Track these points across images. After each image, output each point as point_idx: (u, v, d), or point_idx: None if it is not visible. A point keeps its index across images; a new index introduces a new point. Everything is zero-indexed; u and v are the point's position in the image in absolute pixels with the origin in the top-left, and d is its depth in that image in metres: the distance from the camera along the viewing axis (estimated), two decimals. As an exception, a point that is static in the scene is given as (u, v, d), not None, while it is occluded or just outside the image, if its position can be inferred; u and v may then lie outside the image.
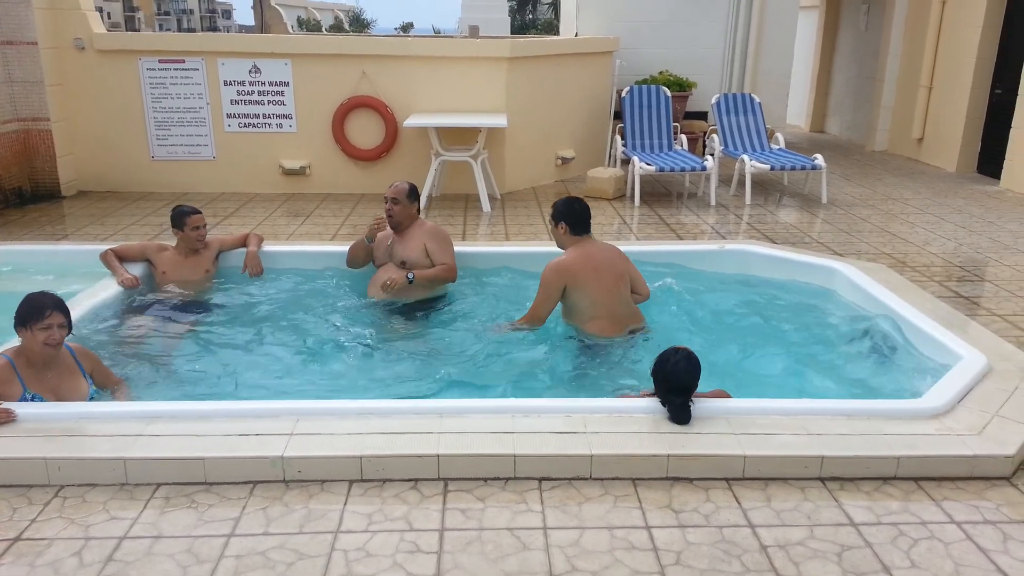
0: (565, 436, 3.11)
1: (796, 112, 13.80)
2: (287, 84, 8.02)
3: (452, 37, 11.89)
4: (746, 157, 7.95)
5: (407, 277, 4.89)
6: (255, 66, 7.98)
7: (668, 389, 3.24)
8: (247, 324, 4.75)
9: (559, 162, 9.00)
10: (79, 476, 2.96)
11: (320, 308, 4.98)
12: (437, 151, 7.66)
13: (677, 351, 3.30)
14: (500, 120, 7.61)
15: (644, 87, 8.92)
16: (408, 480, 2.98)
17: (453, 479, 2.99)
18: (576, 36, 10.45)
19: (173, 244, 5.23)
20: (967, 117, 9.48)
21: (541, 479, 3.00)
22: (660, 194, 8.29)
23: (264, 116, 8.10)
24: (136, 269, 5.10)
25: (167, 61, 7.95)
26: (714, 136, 8.79)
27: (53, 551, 2.59)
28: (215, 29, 69.81)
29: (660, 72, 10.05)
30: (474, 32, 10.74)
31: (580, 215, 4.45)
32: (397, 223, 5.03)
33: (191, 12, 74.51)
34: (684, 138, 8.96)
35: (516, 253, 5.78)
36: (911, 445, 3.08)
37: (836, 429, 3.18)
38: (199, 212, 5.12)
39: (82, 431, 3.14)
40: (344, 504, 2.85)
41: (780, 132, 9.28)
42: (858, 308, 4.88)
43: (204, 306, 4.98)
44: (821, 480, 3.01)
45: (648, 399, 3.35)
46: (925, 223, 7.06)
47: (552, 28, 31.44)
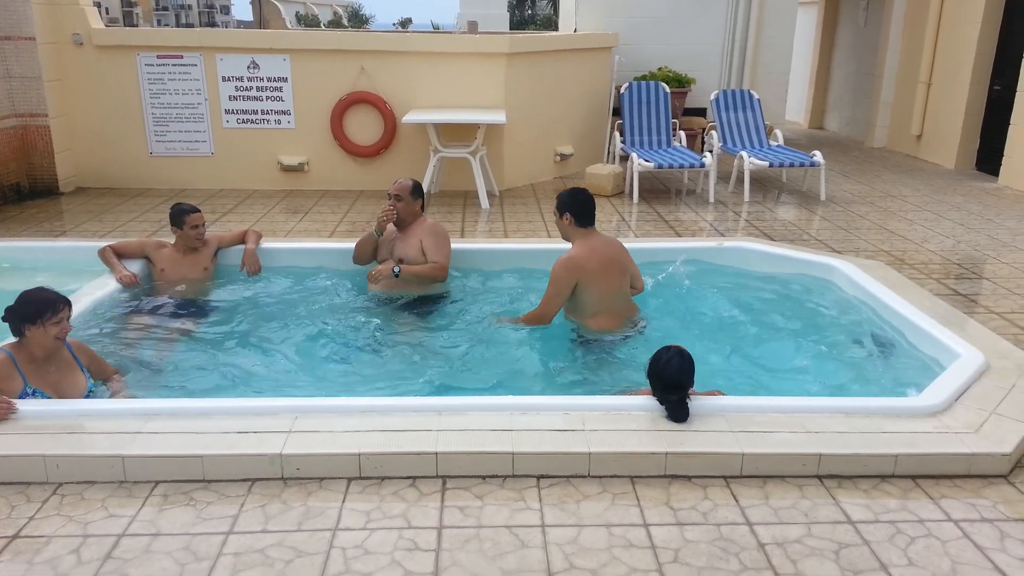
0: (563, 434, 3.12)
1: (795, 108, 13.79)
2: (285, 80, 8.01)
3: (451, 33, 11.85)
4: (745, 154, 7.95)
5: (392, 270, 4.90)
6: (253, 62, 7.97)
7: (663, 387, 3.24)
8: (246, 322, 4.76)
9: (558, 159, 8.99)
10: (78, 473, 2.96)
11: (319, 305, 4.98)
12: (436, 147, 7.65)
13: (669, 349, 3.31)
14: (499, 116, 7.60)
15: (643, 83, 8.92)
16: (406, 478, 2.99)
17: (451, 477, 2.99)
18: (575, 32, 10.43)
19: (172, 241, 5.22)
20: (966, 114, 9.48)
21: (539, 477, 3.00)
22: (659, 191, 8.29)
23: (262, 112, 8.09)
24: (135, 266, 5.10)
25: (165, 57, 7.93)
26: (713, 133, 8.79)
27: (51, 548, 2.59)
28: (213, 25, 69.62)
29: (659, 68, 10.04)
30: (473, 28, 10.69)
31: (585, 206, 4.41)
32: (400, 220, 5.05)
33: (189, 7, 74.31)
34: (683, 135, 8.95)
35: (515, 250, 5.79)
36: (909, 443, 3.08)
37: (834, 427, 3.18)
38: (198, 211, 5.12)
39: (81, 428, 3.14)
40: (342, 502, 2.85)
41: (779, 128, 9.28)
42: (856, 306, 4.88)
43: (202, 304, 4.98)
44: (819, 478, 3.01)
45: (647, 397, 3.36)
46: (923, 220, 7.06)
47: (551, 24, 31.37)
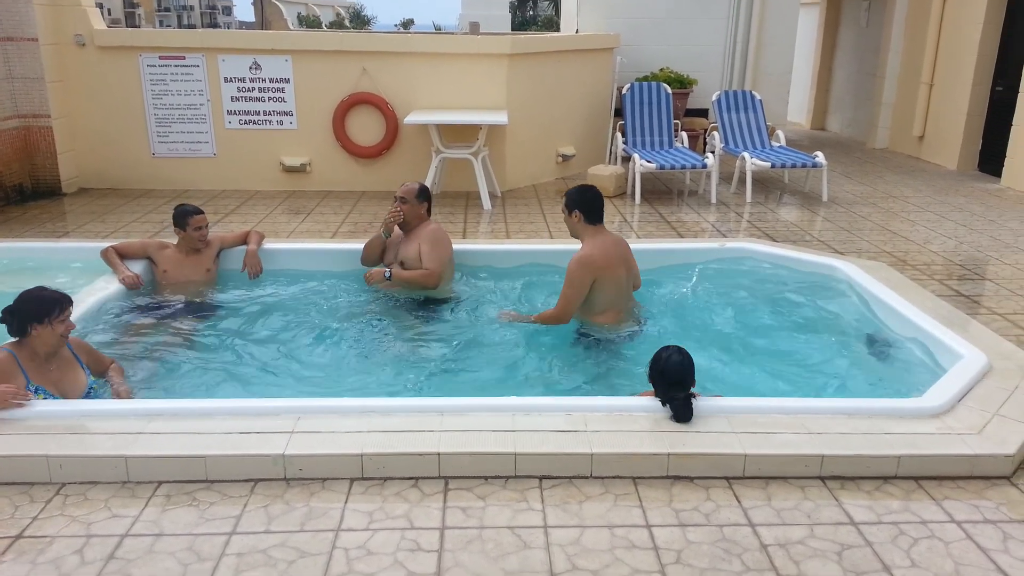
0: (566, 435, 3.12)
1: (797, 109, 13.79)
2: (288, 81, 8.02)
3: (453, 33, 11.86)
4: (747, 155, 7.94)
5: (384, 274, 4.96)
6: (256, 63, 7.98)
7: (667, 385, 3.25)
8: (248, 323, 4.76)
9: (560, 159, 8.99)
10: (81, 474, 2.96)
11: (321, 306, 4.98)
12: (438, 148, 7.65)
13: (668, 348, 3.34)
14: (501, 117, 7.60)
15: (645, 84, 8.92)
16: (409, 478, 2.99)
17: (454, 477, 2.99)
18: (577, 33, 10.44)
19: (174, 242, 5.23)
20: (968, 114, 9.47)
21: (542, 477, 3.00)
22: (661, 192, 8.29)
23: (265, 113, 8.10)
24: (137, 267, 5.10)
25: (167, 57, 7.94)
26: (715, 133, 8.79)
27: (55, 549, 2.59)
28: (215, 25, 69.71)
29: (661, 69, 10.04)
30: (475, 28, 10.70)
31: (594, 203, 4.41)
32: (405, 223, 5.06)
33: (191, 8, 74.42)
34: (685, 135, 8.95)
35: (517, 251, 5.78)
36: (911, 444, 3.08)
37: (836, 428, 3.18)
38: (202, 212, 5.12)
39: (84, 429, 3.14)
40: (345, 502, 2.85)
41: (781, 129, 9.27)
42: (858, 307, 4.88)
43: (205, 305, 4.98)
44: (821, 479, 3.01)
45: (649, 398, 3.36)
46: (926, 221, 7.06)
47: (553, 25, 31.40)
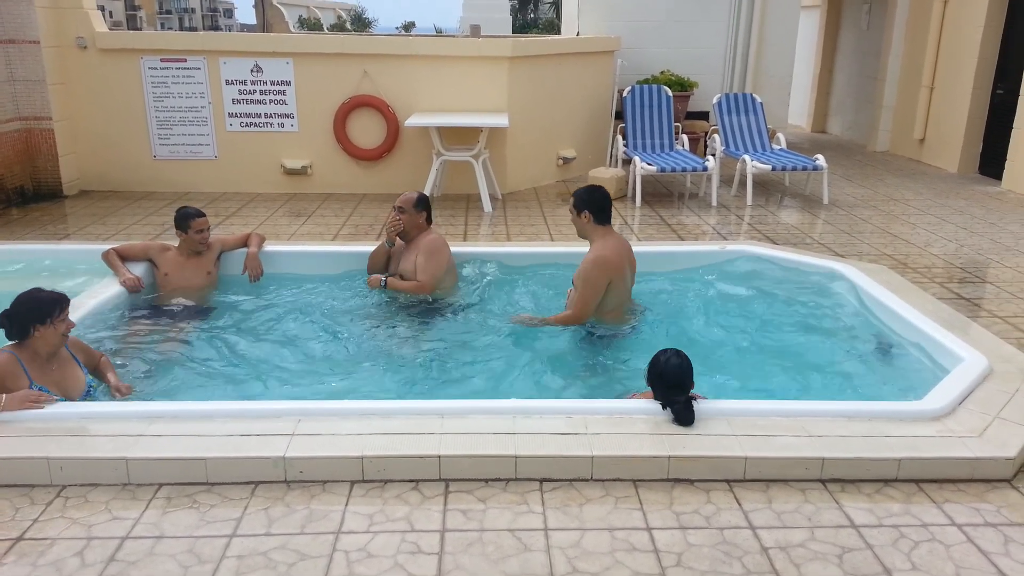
0: (566, 437, 3.12)
1: (797, 112, 13.79)
2: (289, 83, 8.03)
3: (454, 36, 11.88)
4: (747, 157, 7.95)
5: (381, 282, 5.04)
6: (257, 65, 7.99)
7: (667, 388, 3.25)
8: (249, 325, 4.76)
9: (560, 162, 9.00)
10: (81, 476, 2.96)
11: (321, 308, 4.99)
12: (438, 151, 7.66)
13: (666, 351, 3.34)
14: (501, 120, 7.61)
15: (645, 87, 8.92)
16: (409, 481, 2.99)
17: (454, 480, 2.99)
18: (578, 35, 10.45)
19: (175, 244, 5.23)
20: (968, 117, 9.47)
21: (542, 480, 3.00)
22: (661, 194, 8.29)
23: (266, 115, 8.11)
24: (138, 269, 5.10)
25: (169, 60, 7.95)
26: (715, 136, 8.79)
27: (55, 551, 2.59)
28: (217, 28, 69.86)
29: (661, 72, 10.05)
30: (475, 31, 10.72)
31: (603, 204, 4.42)
32: (405, 232, 5.07)
33: (193, 11, 74.57)
34: (685, 138, 8.95)
35: (518, 253, 5.78)
36: (912, 447, 3.08)
37: (837, 431, 3.18)
38: (203, 215, 5.12)
39: (84, 431, 3.14)
40: (345, 505, 2.85)
41: (781, 132, 9.27)
42: (859, 309, 4.88)
43: (206, 307, 4.99)
44: (822, 482, 3.01)
45: (649, 400, 3.36)
46: (926, 224, 7.06)
47: (553, 27, 31.45)
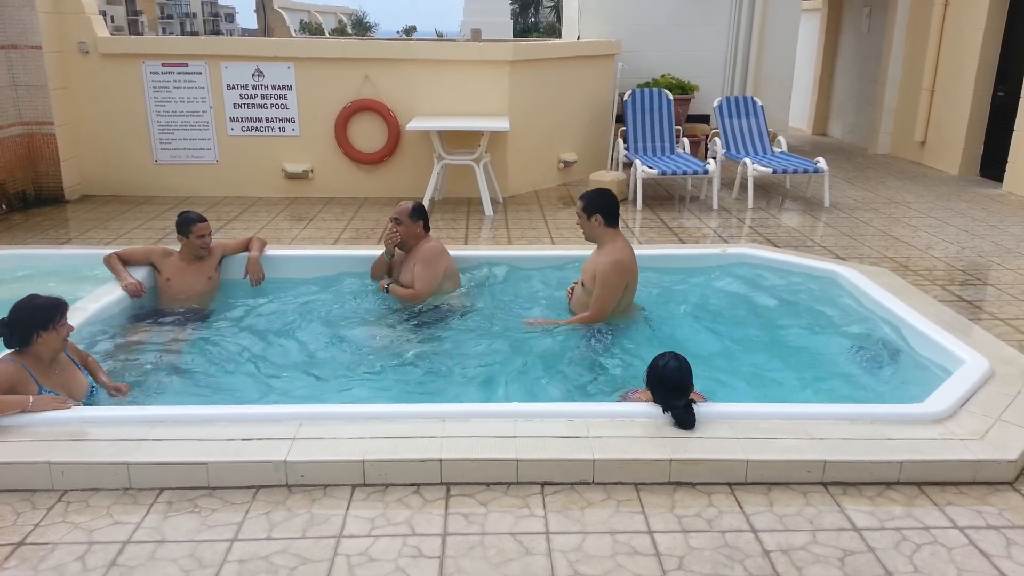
0: (568, 440, 3.12)
1: (798, 115, 13.80)
2: (290, 88, 8.04)
3: (454, 40, 11.90)
4: (748, 160, 7.95)
5: (383, 288, 5.07)
6: (258, 70, 8.01)
7: (667, 391, 3.24)
8: (250, 329, 4.76)
9: (561, 165, 9.01)
10: (83, 480, 2.97)
11: (322, 312, 4.99)
12: (439, 155, 7.67)
13: (664, 355, 3.34)
14: (502, 124, 7.62)
15: (646, 90, 8.93)
16: (411, 485, 2.99)
17: (456, 484, 2.99)
18: (578, 39, 10.47)
19: (177, 249, 5.23)
20: (969, 120, 9.47)
21: (544, 484, 3.00)
22: (662, 197, 8.30)
23: (267, 120, 8.12)
24: (139, 273, 5.10)
25: (170, 65, 7.97)
26: (716, 139, 8.80)
27: (57, 555, 2.60)
28: (218, 33, 70.03)
29: (662, 75, 10.06)
30: (476, 35, 10.75)
31: (613, 207, 4.45)
32: (403, 242, 5.08)
33: (194, 16, 74.78)
34: (686, 141, 8.96)
35: (519, 257, 5.79)
36: (914, 450, 3.08)
37: (839, 434, 3.18)
38: (205, 220, 5.12)
39: (85, 435, 3.14)
40: (347, 509, 2.85)
41: (782, 135, 9.28)
42: (860, 312, 4.87)
43: (207, 312, 4.99)
44: (824, 485, 3.01)
45: (649, 403, 3.35)
46: (928, 227, 7.05)
47: (554, 31, 31.50)
